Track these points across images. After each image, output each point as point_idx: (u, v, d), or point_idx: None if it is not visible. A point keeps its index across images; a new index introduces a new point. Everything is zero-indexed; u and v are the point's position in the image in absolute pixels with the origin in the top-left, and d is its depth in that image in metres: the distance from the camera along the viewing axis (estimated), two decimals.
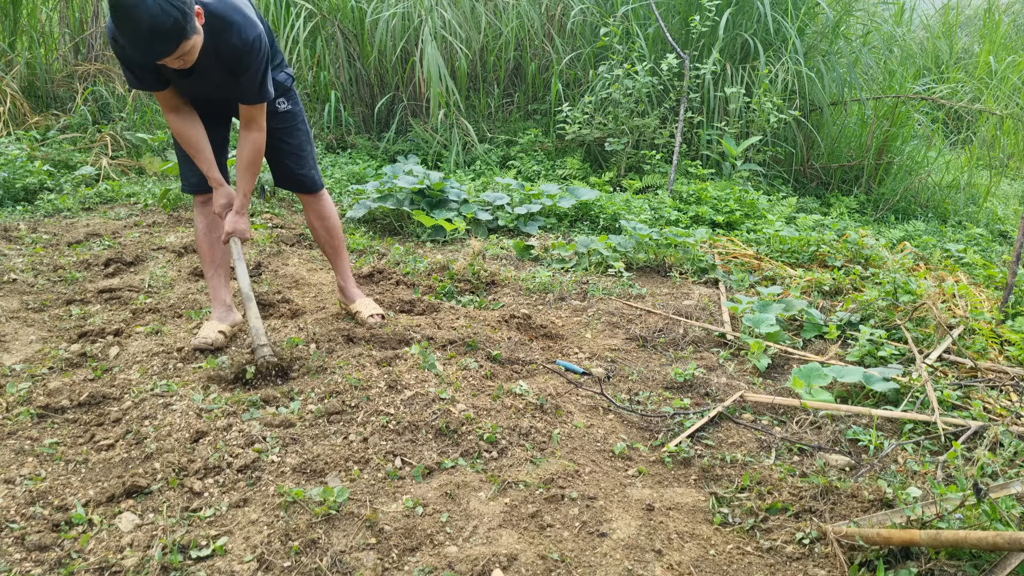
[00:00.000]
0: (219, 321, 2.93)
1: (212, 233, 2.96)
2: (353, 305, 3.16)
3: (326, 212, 3.11)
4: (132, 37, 2.17)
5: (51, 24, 7.16)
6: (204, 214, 2.95)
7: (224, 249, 2.98)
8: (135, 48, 2.21)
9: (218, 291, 2.99)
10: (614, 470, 2.23)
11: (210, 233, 2.96)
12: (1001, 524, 1.74)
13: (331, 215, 3.13)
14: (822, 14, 6.66)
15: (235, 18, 2.46)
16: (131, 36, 2.17)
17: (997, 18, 8.43)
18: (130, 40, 2.18)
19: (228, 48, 2.47)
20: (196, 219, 2.97)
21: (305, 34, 6.51)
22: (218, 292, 2.99)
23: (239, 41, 2.47)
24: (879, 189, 6.38)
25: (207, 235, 2.96)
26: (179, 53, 2.28)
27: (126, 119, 6.37)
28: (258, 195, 5.33)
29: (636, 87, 6.01)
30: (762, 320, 3.17)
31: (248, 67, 2.53)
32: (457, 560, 1.79)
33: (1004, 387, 2.81)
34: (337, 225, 3.15)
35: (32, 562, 1.71)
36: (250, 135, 2.71)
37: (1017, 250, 3.43)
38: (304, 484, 2.03)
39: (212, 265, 2.99)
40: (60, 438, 2.23)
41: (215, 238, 2.96)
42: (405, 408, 2.38)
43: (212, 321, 2.94)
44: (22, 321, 3.05)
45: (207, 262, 2.99)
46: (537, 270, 4.07)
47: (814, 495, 2.04)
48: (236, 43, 2.47)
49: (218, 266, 3.00)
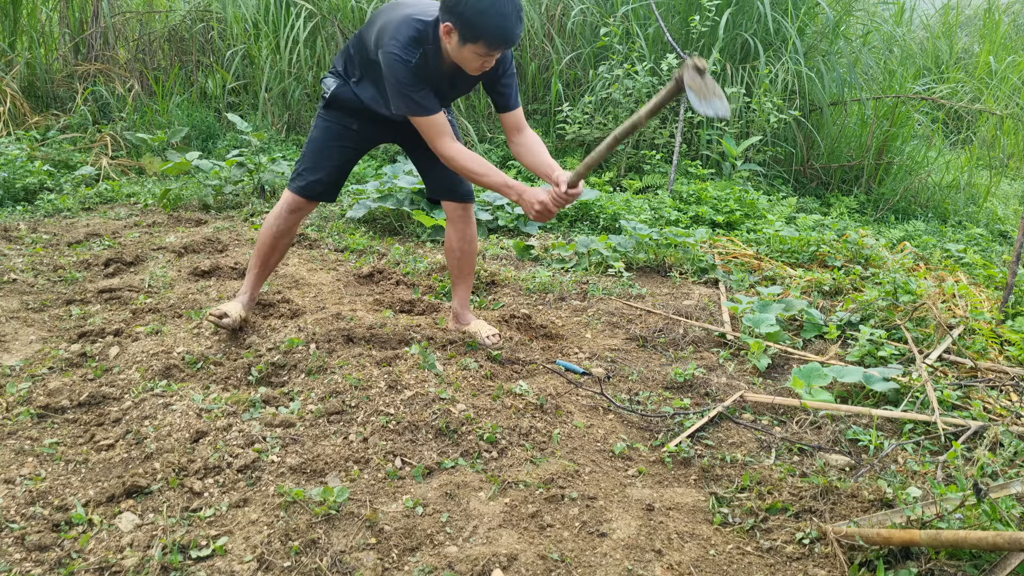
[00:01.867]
0: (244, 308, 2.94)
1: (283, 240, 2.93)
2: (469, 327, 3.09)
3: (472, 233, 3.00)
4: (503, 19, 2.28)
5: (51, 24, 7.16)
6: (287, 220, 2.88)
7: (281, 258, 3.02)
8: (501, 30, 2.30)
9: (256, 286, 3.02)
10: (614, 470, 2.23)
11: (281, 239, 2.92)
12: (1001, 524, 1.74)
13: (475, 236, 3.03)
14: (822, 14, 6.66)
15: None
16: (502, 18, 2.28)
17: (997, 18, 8.43)
18: (500, 21, 2.28)
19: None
20: (276, 219, 2.88)
21: (305, 34, 6.52)
22: (256, 286, 3.02)
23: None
24: (879, 189, 6.38)
25: (276, 239, 2.91)
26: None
27: (126, 119, 6.37)
28: (258, 195, 5.33)
29: (636, 87, 6.01)
30: (762, 320, 3.17)
31: (508, 68, 2.62)
32: (457, 560, 1.79)
33: (1004, 387, 2.81)
34: (475, 250, 3.07)
35: (32, 562, 1.71)
36: (527, 132, 2.74)
37: (1017, 250, 3.43)
38: (304, 484, 2.03)
39: (263, 266, 2.98)
40: (60, 438, 2.23)
41: (283, 245, 2.94)
42: (405, 408, 2.38)
43: (237, 304, 2.94)
44: (22, 321, 3.05)
45: (260, 261, 2.96)
46: (537, 270, 4.07)
47: (814, 495, 2.04)
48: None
49: (268, 269, 3.01)
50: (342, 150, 2.81)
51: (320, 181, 2.80)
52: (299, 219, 2.92)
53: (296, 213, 2.87)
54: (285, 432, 2.26)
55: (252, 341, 2.86)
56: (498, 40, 2.33)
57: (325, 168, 2.80)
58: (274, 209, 2.90)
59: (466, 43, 2.35)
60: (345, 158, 2.83)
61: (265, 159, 5.35)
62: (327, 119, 2.80)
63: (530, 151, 2.69)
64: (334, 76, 2.78)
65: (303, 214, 2.91)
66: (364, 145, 2.88)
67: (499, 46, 2.35)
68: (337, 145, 2.80)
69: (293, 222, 2.90)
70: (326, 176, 2.81)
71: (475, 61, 2.41)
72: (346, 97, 2.74)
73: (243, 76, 7.04)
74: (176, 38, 7.27)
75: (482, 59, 2.41)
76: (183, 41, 7.26)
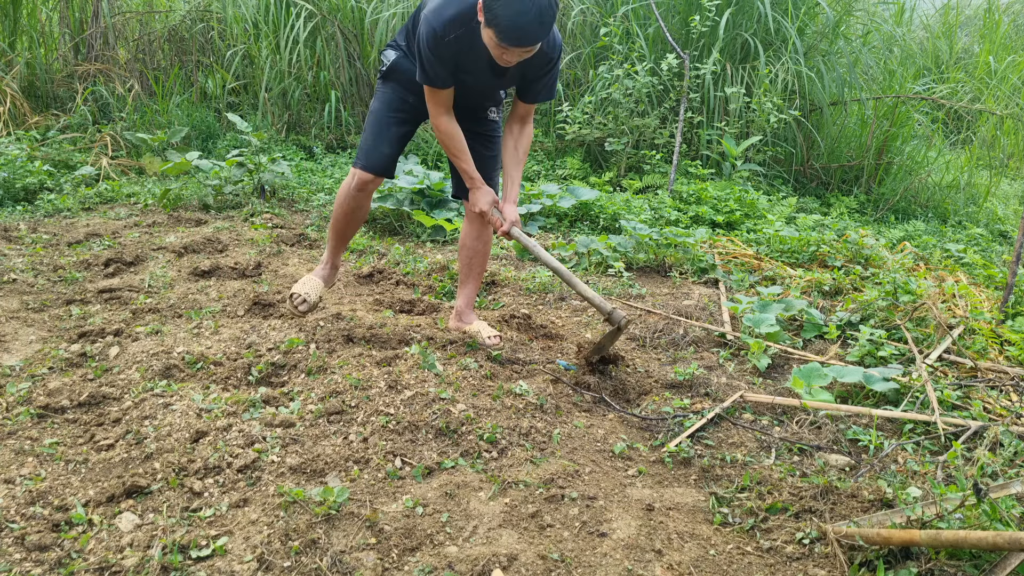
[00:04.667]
0: (323, 281, 3.03)
1: (357, 214, 2.98)
2: (470, 327, 3.09)
3: (488, 235, 3.05)
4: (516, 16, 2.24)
5: (51, 24, 7.16)
6: (356, 198, 2.92)
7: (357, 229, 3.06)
8: (513, 28, 2.26)
9: (335, 255, 3.07)
10: (614, 470, 2.23)
11: (354, 214, 2.97)
12: (1001, 524, 1.74)
13: (491, 239, 3.09)
14: (822, 14, 6.66)
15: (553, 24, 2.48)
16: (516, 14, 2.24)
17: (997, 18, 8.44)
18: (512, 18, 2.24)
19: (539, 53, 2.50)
20: (347, 199, 2.93)
21: (305, 34, 6.52)
22: (335, 255, 3.07)
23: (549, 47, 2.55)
24: (879, 189, 6.38)
25: (349, 215, 2.97)
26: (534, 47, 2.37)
27: (126, 119, 6.37)
28: (258, 195, 5.33)
29: (636, 87, 6.01)
30: (762, 320, 3.17)
31: (548, 72, 2.64)
32: (457, 560, 1.79)
33: (1004, 387, 2.81)
34: (489, 253, 3.13)
35: (32, 562, 1.71)
36: (526, 128, 2.80)
37: (1017, 250, 3.43)
38: (304, 484, 2.03)
39: (340, 238, 3.04)
40: (60, 438, 2.23)
41: (358, 218, 3.00)
42: (405, 408, 2.38)
43: (316, 279, 3.01)
44: (22, 321, 3.05)
45: (338, 233, 3.02)
46: (537, 270, 4.07)
47: (814, 495, 2.04)
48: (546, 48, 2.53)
49: (344, 240, 3.07)
50: (400, 122, 2.85)
51: (383, 154, 2.84)
52: (369, 194, 2.95)
53: (364, 190, 2.91)
54: (285, 432, 2.26)
55: (252, 341, 2.86)
56: (509, 35, 2.30)
57: (386, 139, 2.85)
58: (341, 188, 2.95)
59: (487, 26, 2.34)
60: (403, 130, 2.87)
61: (265, 159, 5.35)
62: (385, 90, 2.86)
63: (512, 148, 2.78)
64: (394, 48, 2.84)
65: (371, 189, 2.93)
66: (419, 118, 2.91)
67: (510, 41, 2.32)
68: (395, 116, 2.84)
69: (363, 199, 2.94)
70: (388, 148, 2.85)
71: (494, 49, 2.39)
72: (404, 68, 2.79)
73: (243, 76, 7.04)
74: (176, 38, 7.26)
75: (500, 50, 2.38)
76: (183, 41, 7.26)
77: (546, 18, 2.28)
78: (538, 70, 2.63)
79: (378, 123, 2.85)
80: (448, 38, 2.46)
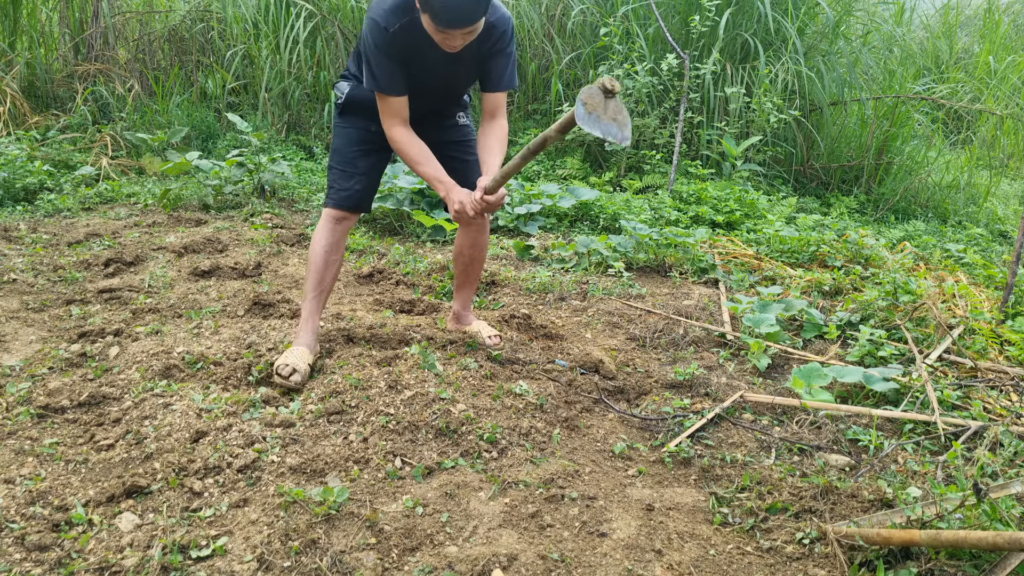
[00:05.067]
0: (308, 350, 2.66)
1: (333, 255, 2.72)
2: (470, 327, 3.06)
3: (484, 241, 2.94)
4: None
5: (51, 24, 7.16)
6: (333, 232, 2.71)
7: (336, 275, 2.77)
8: (447, 9, 2.14)
9: (314, 316, 2.74)
10: (614, 470, 2.23)
11: (331, 254, 2.71)
12: (1001, 524, 1.74)
13: (487, 245, 2.96)
14: (822, 14, 6.66)
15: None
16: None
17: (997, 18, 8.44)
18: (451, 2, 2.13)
19: (487, 28, 2.37)
20: (321, 235, 2.71)
21: (305, 34, 6.52)
22: (313, 317, 2.74)
23: (497, 19, 2.40)
24: (879, 189, 6.38)
25: (327, 255, 2.70)
26: (474, 27, 2.22)
27: (126, 119, 6.37)
28: (258, 195, 5.33)
29: (636, 87, 6.01)
30: (762, 320, 3.17)
31: (503, 48, 2.48)
32: (457, 560, 1.79)
33: (1004, 387, 2.81)
34: (485, 258, 3.02)
35: (32, 562, 1.71)
36: (496, 121, 2.63)
37: (1017, 250, 3.43)
38: (304, 484, 2.03)
39: (319, 287, 2.73)
40: (60, 438, 2.23)
41: (333, 260, 2.72)
42: (405, 408, 2.38)
43: (301, 348, 2.64)
44: (22, 321, 3.05)
45: (315, 282, 2.72)
46: (537, 270, 4.07)
47: (814, 495, 2.04)
48: (494, 21, 2.40)
49: (324, 290, 2.74)
50: (367, 153, 2.69)
51: (354, 190, 2.68)
52: (344, 232, 2.75)
53: (339, 227, 2.72)
54: (285, 432, 2.26)
55: (252, 341, 2.86)
56: (443, 16, 2.17)
57: (355, 176, 2.69)
58: (317, 228, 2.76)
59: (423, 12, 2.22)
60: (372, 160, 2.71)
61: (265, 159, 5.35)
62: (345, 125, 2.71)
63: (485, 143, 2.63)
64: (347, 79, 2.69)
65: (347, 227, 2.75)
66: (387, 144, 2.72)
67: (446, 23, 2.19)
68: (361, 149, 2.69)
69: (339, 235, 2.73)
70: (358, 184, 2.69)
71: (436, 35, 2.27)
72: (361, 97, 2.64)
73: (243, 76, 7.04)
74: (176, 38, 7.27)
75: (441, 35, 2.25)
76: (183, 41, 7.26)
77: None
78: (493, 45, 2.47)
79: (343, 160, 2.69)
80: (393, 29, 2.33)
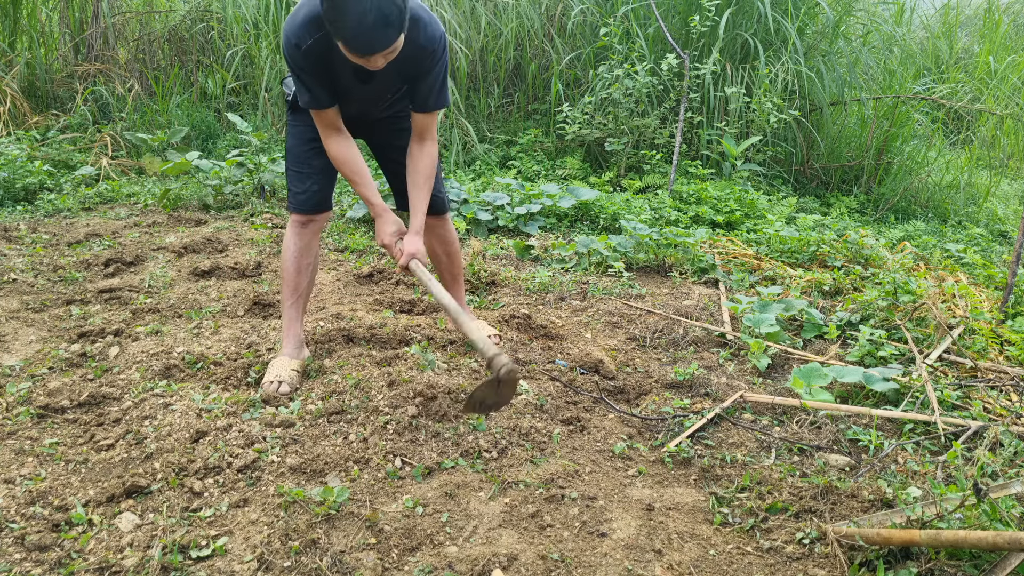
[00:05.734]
0: (290, 358, 2.63)
1: (304, 259, 2.66)
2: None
3: (450, 237, 2.93)
4: (357, 25, 1.98)
5: (51, 24, 7.16)
6: (301, 236, 2.65)
7: (311, 279, 2.71)
8: (357, 38, 2.01)
9: (294, 324, 2.69)
10: (614, 470, 2.23)
11: (302, 258, 2.65)
12: (1001, 524, 1.74)
13: (455, 240, 2.96)
14: (822, 14, 6.66)
15: (421, 15, 2.28)
16: (356, 23, 1.98)
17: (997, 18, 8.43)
18: (354, 28, 1.99)
19: (413, 48, 2.28)
20: (290, 240, 2.66)
21: None
22: (294, 325, 2.69)
23: (426, 39, 2.31)
24: (879, 189, 6.38)
25: (297, 260, 2.65)
26: (393, 47, 2.09)
27: (126, 119, 6.37)
28: (258, 195, 5.33)
29: (636, 87, 6.01)
30: (762, 320, 3.17)
31: (431, 69, 2.37)
32: (457, 560, 1.79)
33: (1004, 387, 2.81)
34: (459, 251, 2.99)
35: (32, 562, 1.71)
36: (425, 147, 2.53)
37: (1017, 250, 3.43)
38: (304, 484, 2.03)
39: (295, 294, 2.68)
40: (60, 438, 2.23)
41: (306, 264, 2.67)
42: (405, 408, 2.38)
43: (282, 358, 2.62)
44: (22, 321, 3.05)
45: (290, 289, 2.67)
46: (537, 270, 4.07)
47: (814, 495, 2.04)
48: (423, 42, 2.30)
49: (300, 296, 2.69)
50: (321, 152, 2.57)
51: (311, 191, 2.61)
52: (313, 234, 2.68)
53: (305, 231, 2.66)
54: (285, 432, 2.26)
55: (252, 341, 2.86)
56: (356, 44, 2.05)
57: (311, 177, 2.61)
58: (285, 236, 2.71)
59: (336, 39, 2.09)
60: (326, 159, 2.58)
61: (265, 159, 5.35)
62: (296, 123, 2.63)
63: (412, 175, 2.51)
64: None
65: (315, 228, 2.68)
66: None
67: (361, 51, 2.06)
68: (315, 148, 2.59)
69: (307, 239, 2.67)
70: (315, 184, 2.62)
71: (355, 60, 2.13)
72: None
73: (243, 76, 7.04)
74: (176, 38, 7.27)
75: (361, 60, 2.11)
76: (183, 41, 7.26)
77: (391, 15, 2.00)
78: (419, 64, 2.36)
79: (298, 160, 2.62)
80: (305, 45, 2.23)
